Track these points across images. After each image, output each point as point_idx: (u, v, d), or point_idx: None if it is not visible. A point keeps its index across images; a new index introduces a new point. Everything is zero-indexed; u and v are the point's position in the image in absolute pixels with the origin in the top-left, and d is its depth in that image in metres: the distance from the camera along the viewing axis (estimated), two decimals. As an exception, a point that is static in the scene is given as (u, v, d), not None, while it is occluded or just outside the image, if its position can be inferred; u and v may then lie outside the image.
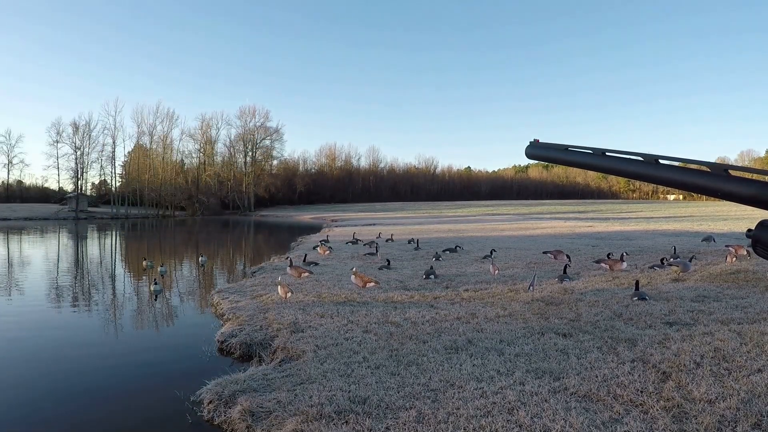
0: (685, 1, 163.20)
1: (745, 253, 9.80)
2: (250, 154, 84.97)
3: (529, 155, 5.12)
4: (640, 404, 3.35)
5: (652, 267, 9.54)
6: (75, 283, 11.96)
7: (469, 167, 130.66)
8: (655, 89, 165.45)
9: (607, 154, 3.53)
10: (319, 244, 15.60)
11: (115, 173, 75.81)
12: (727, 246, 10.94)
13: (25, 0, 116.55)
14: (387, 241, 17.76)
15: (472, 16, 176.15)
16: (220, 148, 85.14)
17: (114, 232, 35.21)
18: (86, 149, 71.86)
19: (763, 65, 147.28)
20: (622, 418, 3.17)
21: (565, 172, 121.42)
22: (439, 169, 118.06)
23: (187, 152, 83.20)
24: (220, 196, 78.65)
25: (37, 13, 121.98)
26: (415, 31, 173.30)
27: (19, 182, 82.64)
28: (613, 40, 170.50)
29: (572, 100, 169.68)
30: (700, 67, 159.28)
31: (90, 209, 66.29)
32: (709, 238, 14.12)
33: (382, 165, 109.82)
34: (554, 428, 3.03)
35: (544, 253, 12.06)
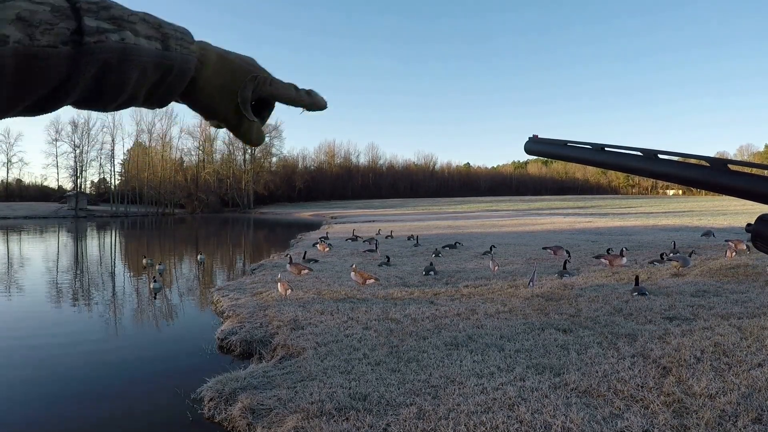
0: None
1: (745, 247, 9.79)
2: (249, 151, 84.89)
3: (528, 151, 5.12)
4: (641, 399, 3.35)
5: (651, 262, 9.54)
6: (75, 281, 11.96)
7: (468, 163, 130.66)
8: (655, 85, 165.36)
9: (606, 149, 3.53)
10: (318, 241, 15.58)
11: (114, 171, 75.92)
12: (726, 241, 10.93)
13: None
14: (387, 237, 17.75)
15: (472, 13, 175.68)
16: (219, 145, 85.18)
17: (113, 231, 35.19)
18: (85, 147, 72.01)
19: (762, 61, 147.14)
20: (623, 413, 3.17)
21: (565, 168, 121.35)
22: (438, 166, 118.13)
23: (186, 150, 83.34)
24: (219, 194, 78.65)
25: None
26: (415, 28, 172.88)
27: (19, 181, 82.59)
28: (611, 35, 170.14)
29: (572, 95, 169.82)
30: (698, 64, 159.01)
31: (89, 207, 66.19)
32: (708, 233, 14.13)
33: (381, 162, 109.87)
34: (555, 424, 3.04)
35: (543, 248, 12.05)
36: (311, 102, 0.52)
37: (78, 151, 70.76)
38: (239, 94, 0.47)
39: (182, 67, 0.43)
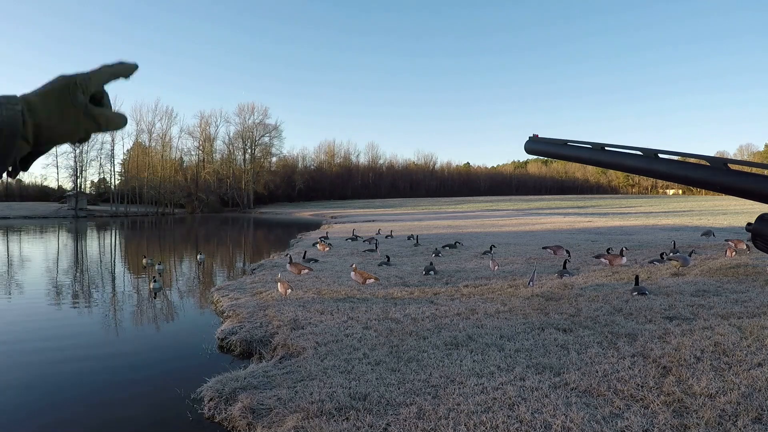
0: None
1: (745, 247, 9.80)
2: (249, 151, 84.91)
3: (528, 150, 5.12)
4: (641, 399, 3.36)
5: (651, 262, 9.54)
6: (75, 281, 11.95)
7: (468, 163, 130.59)
8: (655, 85, 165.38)
9: (606, 148, 3.54)
10: (318, 240, 15.59)
11: (114, 171, 75.83)
12: (726, 240, 10.94)
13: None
14: (386, 237, 17.75)
15: (472, 13, 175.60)
16: (219, 145, 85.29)
17: (113, 230, 35.18)
18: (85, 147, 71.57)
19: (762, 61, 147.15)
20: (623, 413, 3.17)
21: (564, 168, 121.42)
22: (438, 165, 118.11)
23: (186, 150, 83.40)
24: (219, 194, 78.66)
25: (35, 9, 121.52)
26: (414, 27, 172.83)
27: (19, 181, 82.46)
28: (610, 34, 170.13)
29: (571, 92, 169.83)
30: (698, 61, 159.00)
31: (89, 207, 66.14)
32: (708, 232, 14.14)
33: (381, 161, 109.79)
34: (555, 423, 3.04)
35: (543, 248, 12.06)
36: (123, 69, 0.56)
37: (78, 151, 70.48)
38: (73, 104, 0.52)
39: (9, 123, 0.48)
